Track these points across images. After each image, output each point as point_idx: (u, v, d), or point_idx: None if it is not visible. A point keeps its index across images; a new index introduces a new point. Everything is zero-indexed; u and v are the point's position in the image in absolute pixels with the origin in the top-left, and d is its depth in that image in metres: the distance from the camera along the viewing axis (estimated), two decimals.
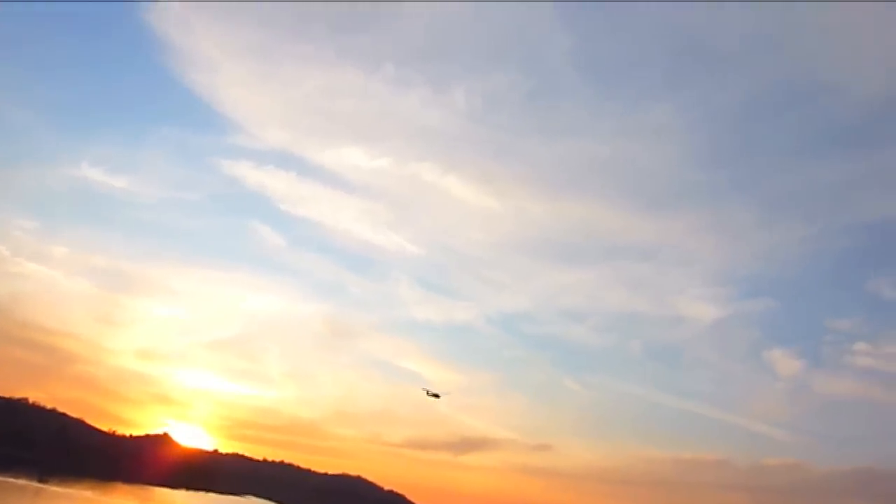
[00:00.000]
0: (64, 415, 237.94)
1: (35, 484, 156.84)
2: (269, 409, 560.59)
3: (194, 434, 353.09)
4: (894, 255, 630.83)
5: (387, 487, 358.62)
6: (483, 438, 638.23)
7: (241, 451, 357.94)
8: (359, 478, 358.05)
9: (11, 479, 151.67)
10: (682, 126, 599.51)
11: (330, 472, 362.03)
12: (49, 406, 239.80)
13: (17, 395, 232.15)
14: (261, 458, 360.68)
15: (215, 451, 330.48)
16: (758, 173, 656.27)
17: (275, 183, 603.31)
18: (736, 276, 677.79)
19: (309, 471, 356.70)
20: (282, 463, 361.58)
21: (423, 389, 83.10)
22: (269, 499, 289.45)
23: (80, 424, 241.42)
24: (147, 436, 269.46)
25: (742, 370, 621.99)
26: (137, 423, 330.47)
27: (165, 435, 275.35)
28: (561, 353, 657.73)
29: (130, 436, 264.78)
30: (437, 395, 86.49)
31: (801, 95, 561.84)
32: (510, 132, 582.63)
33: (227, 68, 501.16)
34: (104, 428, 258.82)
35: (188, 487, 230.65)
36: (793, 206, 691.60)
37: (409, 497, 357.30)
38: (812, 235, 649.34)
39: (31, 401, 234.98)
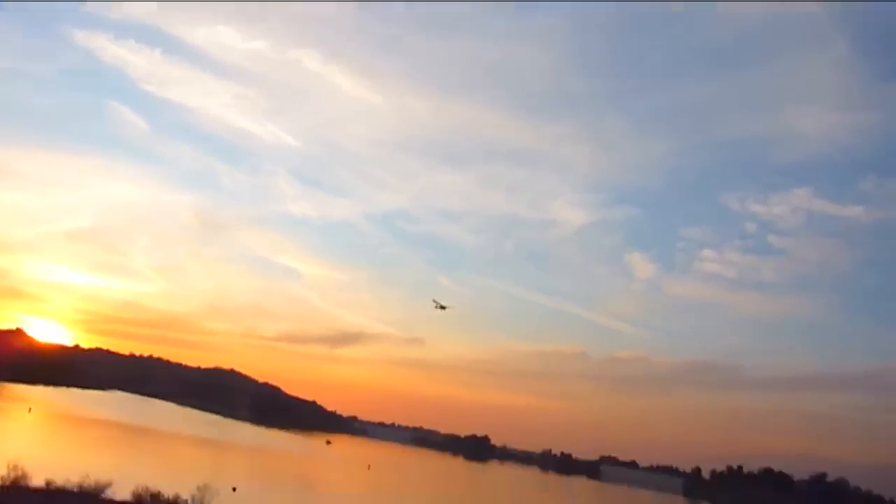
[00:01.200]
0: None
1: None
2: (135, 303, 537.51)
3: (51, 329, 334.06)
4: (746, 173, 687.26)
5: (261, 380, 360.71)
6: (359, 332, 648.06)
7: (105, 346, 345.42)
8: (233, 371, 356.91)
9: None
10: (567, 35, 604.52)
11: (203, 365, 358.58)
12: None
13: None
14: (127, 353, 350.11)
15: (76, 346, 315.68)
16: (633, 87, 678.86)
17: (137, 59, 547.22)
18: (605, 184, 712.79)
19: (180, 365, 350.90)
20: (151, 357, 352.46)
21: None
22: (138, 393, 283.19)
23: None
24: None
25: (603, 272, 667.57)
26: None
27: (18, 330, 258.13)
28: (437, 251, 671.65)
29: None
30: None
31: (678, 14, 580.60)
32: (399, 26, 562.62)
33: None
34: None
35: (47, 383, 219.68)
36: (662, 121, 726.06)
37: (284, 389, 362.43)
38: (676, 149, 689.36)
39: None
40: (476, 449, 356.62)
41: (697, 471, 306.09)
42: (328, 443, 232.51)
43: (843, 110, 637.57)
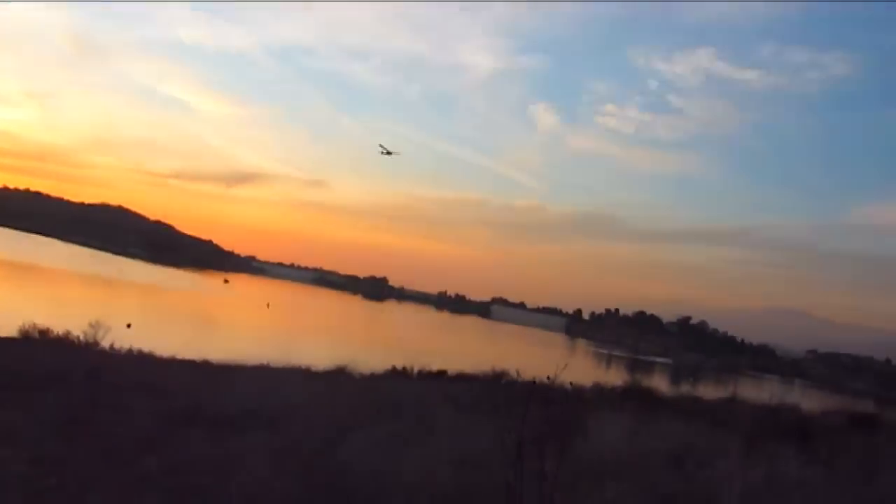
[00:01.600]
0: None
1: None
2: (5, 131, 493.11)
3: None
4: (654, 29, 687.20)
5: (153, 218, 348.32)
6: (257, 172, 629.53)
7: None
8: (121, 207, 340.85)
9: None
10: None
11: (87, 201, 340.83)
12: None
13: None
14: (0, 186, 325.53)
15: None
16: None
17: None
18: (516, 30, 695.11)
19: (62, 200, 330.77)
20: (27, 191, 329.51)
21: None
22: (13, 227, 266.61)
23: None
24: None
25: (508, 121, 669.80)
26: None
27: None
28: (341, 90, 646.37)
29: None
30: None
31: None
32: None
33: None
34: None
35: None
36: None
37: (178, 227, 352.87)
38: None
39: None
40: (375, 289, 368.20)
41: (579, 312, 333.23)
42: (226, 281, 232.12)
43: None
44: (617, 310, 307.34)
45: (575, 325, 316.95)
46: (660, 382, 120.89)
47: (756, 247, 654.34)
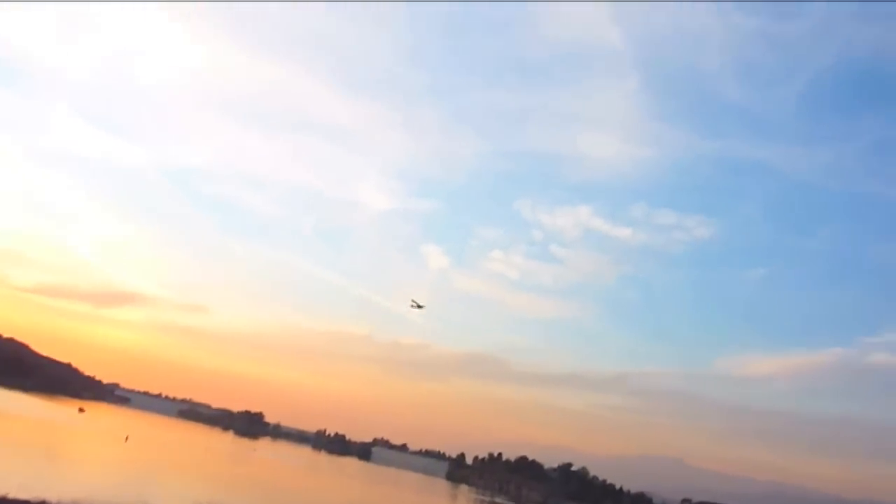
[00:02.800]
0: None
1: None
2: None
3: None
4: (540, 184, 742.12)
5: (6, 335, 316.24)
6: (133, 293, 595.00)
7: None
8: None
9: None
10: (402, 23, 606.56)
11: None
12: None
13: None
14: None
15: None
16: (453, 85, 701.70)
17: None
18: (412, 174, 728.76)
19: None
20: None
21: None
22: None
23: None
24: None
25: (399, 259, 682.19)
26: None
27: None
28: (232, 216, 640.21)
29: None
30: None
31: (505, 22, 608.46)
32: None
33: None
34: None
35: None
36: (474, 122, 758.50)
37: (33, 347, 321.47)
38: (482, 151, 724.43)
39: None
40: (248, 425, 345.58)
41: (462, 456, 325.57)
42: (81, 410, 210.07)
43: (626, 141, 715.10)
44: (500, 454, 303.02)
45: (458, 469, 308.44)
46: None
47: (631, 394, 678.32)
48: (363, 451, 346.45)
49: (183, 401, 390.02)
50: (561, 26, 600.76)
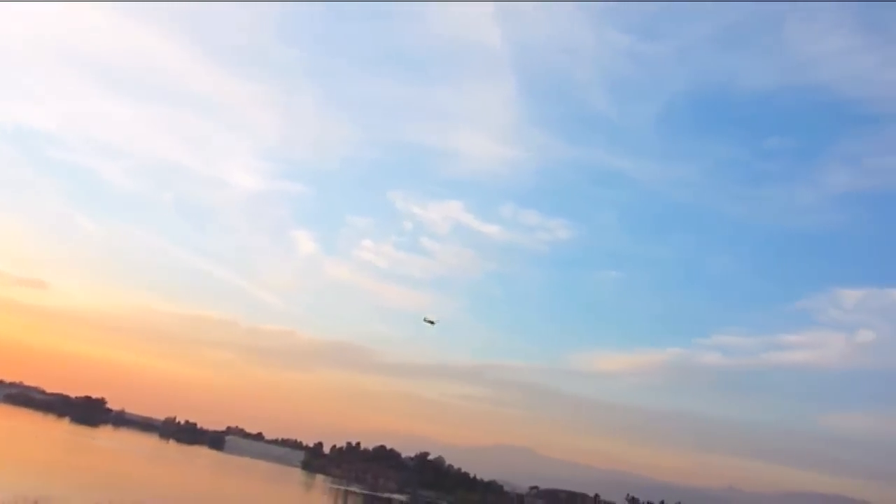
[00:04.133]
0: None
1: None
2: None
3: None
4: (414, 176, 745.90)
5: None
6: None
7: None
8: None
9: None
10: (287, 3, 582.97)
11: None
12: None
13: None
14: None
15: None
16: (334, 70, 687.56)
17: None
18: (284, 156, 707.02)
19: None
20: None
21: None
22: None
23: None
24: None
25: (266, 242, 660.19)
26: None
27: None
28: (82, 186, 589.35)
29: None
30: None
31: (382, 15, 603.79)
32: None
33: None
34: None
35: None
36: (352, 109, 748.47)
37: None
38: (358, 140, 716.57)
39: None
40: (87, 411, 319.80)
41: (319, 445, 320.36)
42: None
43: (499, 142, 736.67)
44: (359, 443, 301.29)
45: (314, 459, 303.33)
46: None
47: (489, 385, 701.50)
48: (215, 440, 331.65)
49: (11, 384, 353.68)
50: (444, 22, 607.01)
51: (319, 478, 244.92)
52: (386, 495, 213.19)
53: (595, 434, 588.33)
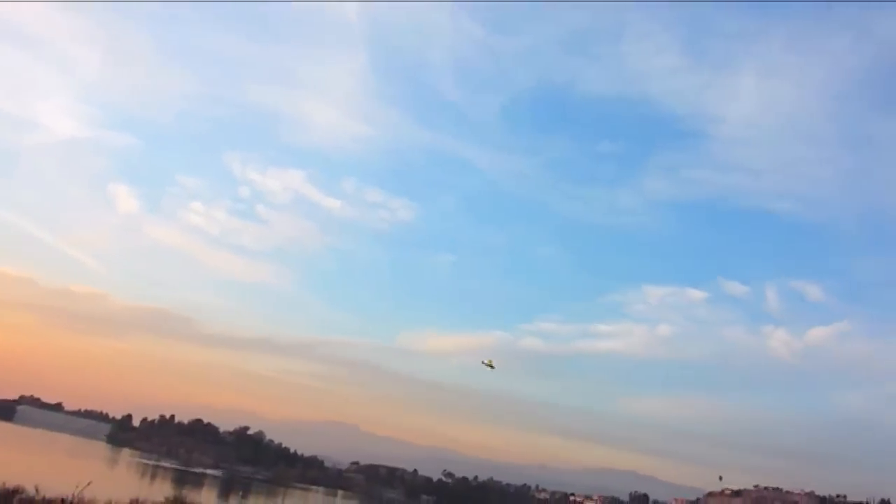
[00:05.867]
0: None
1: None
2: None
3: None
4: (256, 140, 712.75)
5: None
6: None
7: None
8: None
9: None
10: None
11: None
12: None
13: None
14: None
15: None
16: (169, 14, 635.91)
17: None
18: (109, 102, 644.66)
19: None
20: None
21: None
22: None
23: None
24: None
25: (81, 196, 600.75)
26: None
27: None
28: None
29: None
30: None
31: None
32: None
33: None
34: None
35: None
36: (191, 61, 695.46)
37: None
38: (195, 94, 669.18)
39: None
40: None
41: (129, 418, 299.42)
42: None
43: (348, 115, 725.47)
44: (173, 416, 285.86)
45: (121, 432, 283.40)
46: (208, 497, 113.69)
47: (319, 361, 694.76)
48: (4, 410, 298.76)
49: None
50: None
51: (126, 452, 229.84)
52: (200, 470, 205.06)
53: (419, 412, 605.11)
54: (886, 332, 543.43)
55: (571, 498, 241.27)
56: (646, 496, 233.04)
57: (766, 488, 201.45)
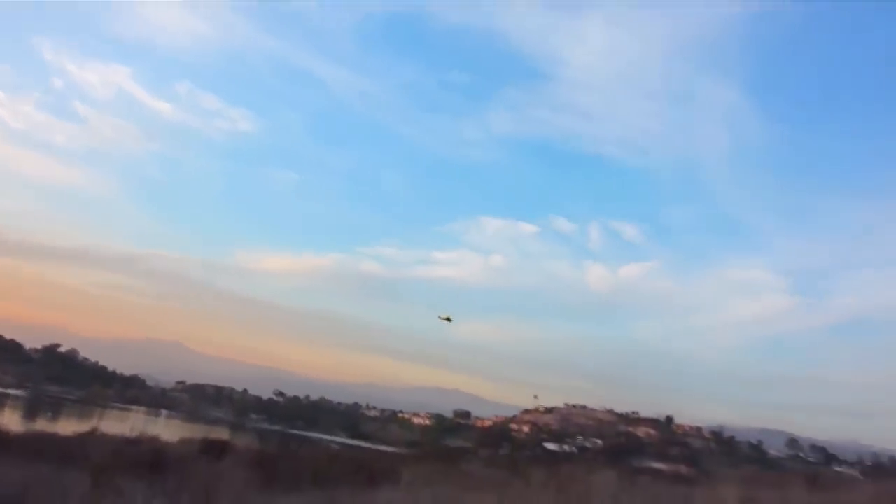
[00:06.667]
0: None
1: None
2: None
3: None
4: (71, 22, 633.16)
5: None
6: None
7: None
8: None
9: None
10: None
11: None
12: None
13: None
14: None
15: None
16: None
17: None
18: None
19: None
20: None
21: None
22: None
23: None
24: None
25: None
26: None
27: None
28: None
29: None
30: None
31: None
32: None
33: None
34: None
35: None
36: None
37: None
38: None
39: None
40: None
41: None
42: None
43: (186, 11, 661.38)
44: None
45: None
46: (10, 418, 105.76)
47: (142, 276, 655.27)
48: None
49: None
50: None
51: None
52: (0, 390, 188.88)
53: (251, 332, 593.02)
54: (684, 273, 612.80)
55: (400, 415, 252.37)
56: (468, 413, 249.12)
57: (573, 406, 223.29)
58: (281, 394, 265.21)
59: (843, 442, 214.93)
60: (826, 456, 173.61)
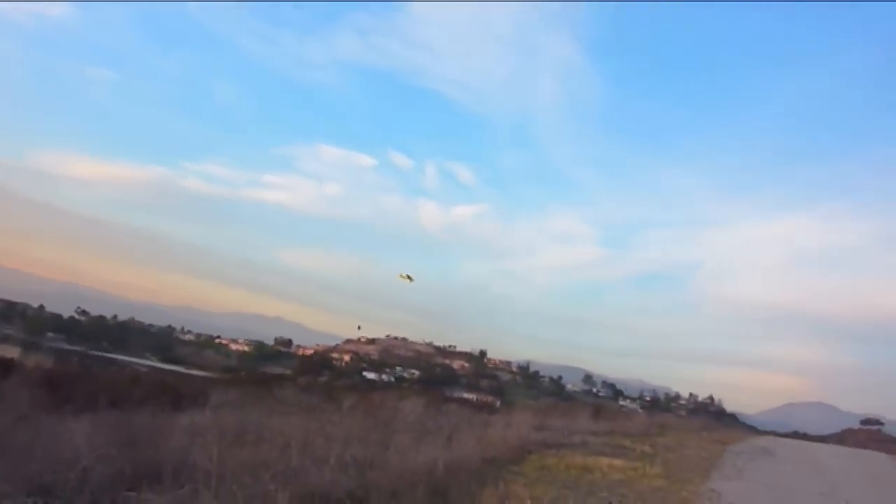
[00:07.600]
0: None
1: None
2: None
3: None
4: None
5: None
6: None
7: None
8: None
9: None
10: None
11: None
12: None
13: None
14: None
15: None
16: None
17: None
18: None
19: None
20: None
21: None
22: None
23: None
24: None
25: None
26: None
27: None
28: None
29: None
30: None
31: None
32: None
33: None
34: None
35: None
36: None
37: None
38: None
39: None
40: None
41: None
42: None
43: None
44: None
45: None
46: None
47: None
48: None
49: None
50: None
51: None
52: None
53: (52, 244, 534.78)
54: (510, 218, 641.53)
55: (217, 340, 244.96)
56: (290, 341, 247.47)
57: (395, 338, 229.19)
58: (84, 312, 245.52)
59: (630, 380, 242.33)
60: (615, 391, 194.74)
